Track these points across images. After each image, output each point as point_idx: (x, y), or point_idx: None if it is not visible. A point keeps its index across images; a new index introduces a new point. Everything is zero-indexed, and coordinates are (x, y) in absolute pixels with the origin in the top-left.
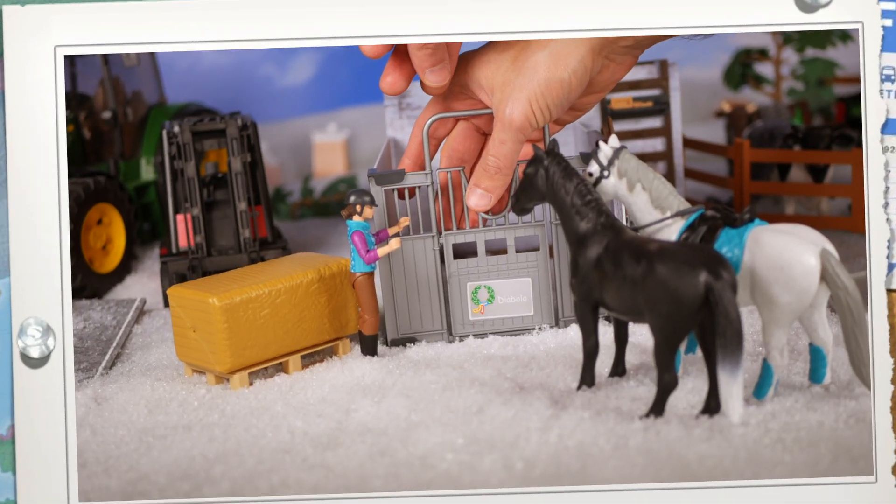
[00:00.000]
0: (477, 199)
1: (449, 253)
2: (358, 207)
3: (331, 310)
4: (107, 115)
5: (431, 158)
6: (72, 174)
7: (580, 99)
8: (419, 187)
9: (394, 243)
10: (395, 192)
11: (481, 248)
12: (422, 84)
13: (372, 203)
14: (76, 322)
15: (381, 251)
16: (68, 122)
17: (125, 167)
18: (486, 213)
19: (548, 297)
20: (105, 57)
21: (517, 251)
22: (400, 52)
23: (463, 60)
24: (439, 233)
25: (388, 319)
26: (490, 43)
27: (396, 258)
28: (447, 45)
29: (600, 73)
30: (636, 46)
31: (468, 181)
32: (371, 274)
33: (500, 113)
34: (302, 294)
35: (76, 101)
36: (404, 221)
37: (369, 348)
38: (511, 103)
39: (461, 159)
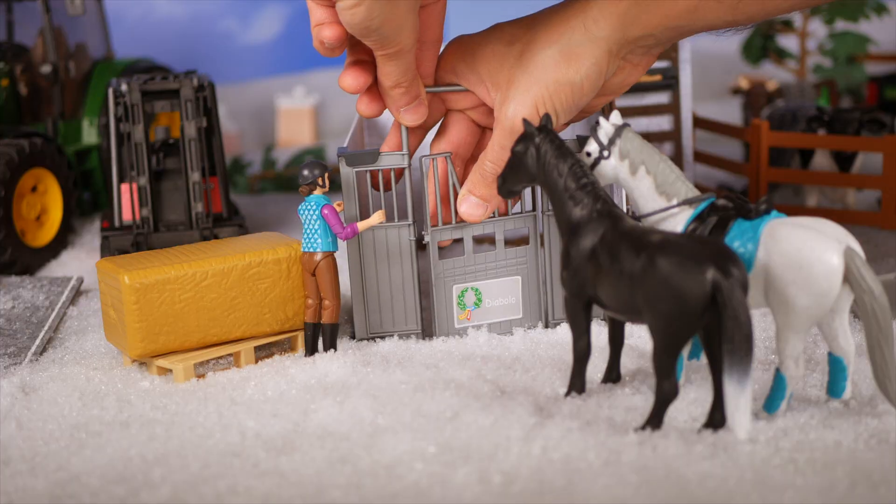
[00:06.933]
0: (471, 207)
1: (434, 252)
2: (320, 180)
3: (273, 299)
4: (46, 69)
5: (418, 145)
6: (4, 134)
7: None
8: (401, 172)
9: (377, 216)
10: (369, 179)
11: (468, 246)
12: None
13: (328, 171)
14: (3, 301)
15: (363, 224)
16: (2, 75)
17: (65, 129)
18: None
19: (537, 296)
20: (46, 4)
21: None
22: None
23: (463, 47)
24: (432, 224)
25: (357, 315)
26: (495, 29)
27: (368, 248)
28: (418, 71)
29: (614, 75)
30: (656, 45)
31: (455, 170)
32: (334, 254)
33: (501, 115)
34: (235, 279)
35: (12, 53)
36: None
37: (332, 340)
38: (514, 105)
39: (455, 154)
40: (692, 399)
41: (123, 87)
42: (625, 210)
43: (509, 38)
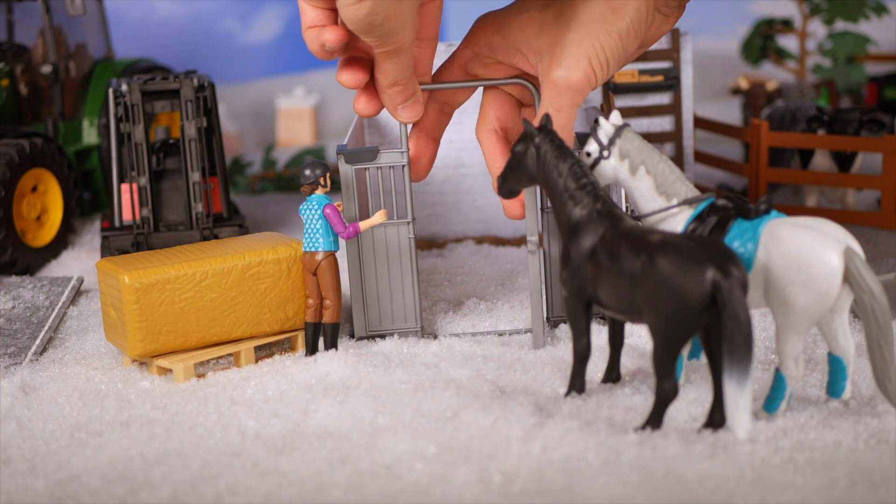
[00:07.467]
0: None
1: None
2: (322, 180)
3: (273, 298)
4: (46, 69)
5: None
6: (4, 134)
7: None
8: (392, 168)
9: (379, 216)
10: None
11: None
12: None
13: (330, 171)
14: (4, 301)
15: (365, 224)
16: (3, 75)
17: (65, 129)
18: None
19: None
20: (46, 4)
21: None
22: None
23: (495, 21)
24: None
25: (356, 314)
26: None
27: (367, 245)
28: (415, 69)
29: (648, 27)
30: None
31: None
32: (335, 254)
33: (552, 76)
34: (235, 278)
35: (12, 53)
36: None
37: (333, 340)
38: (565, 63)
39: (506, 129)
40: (692, 399)
41: (123, 87)
42: (625, 210)
43: (542, 4)
